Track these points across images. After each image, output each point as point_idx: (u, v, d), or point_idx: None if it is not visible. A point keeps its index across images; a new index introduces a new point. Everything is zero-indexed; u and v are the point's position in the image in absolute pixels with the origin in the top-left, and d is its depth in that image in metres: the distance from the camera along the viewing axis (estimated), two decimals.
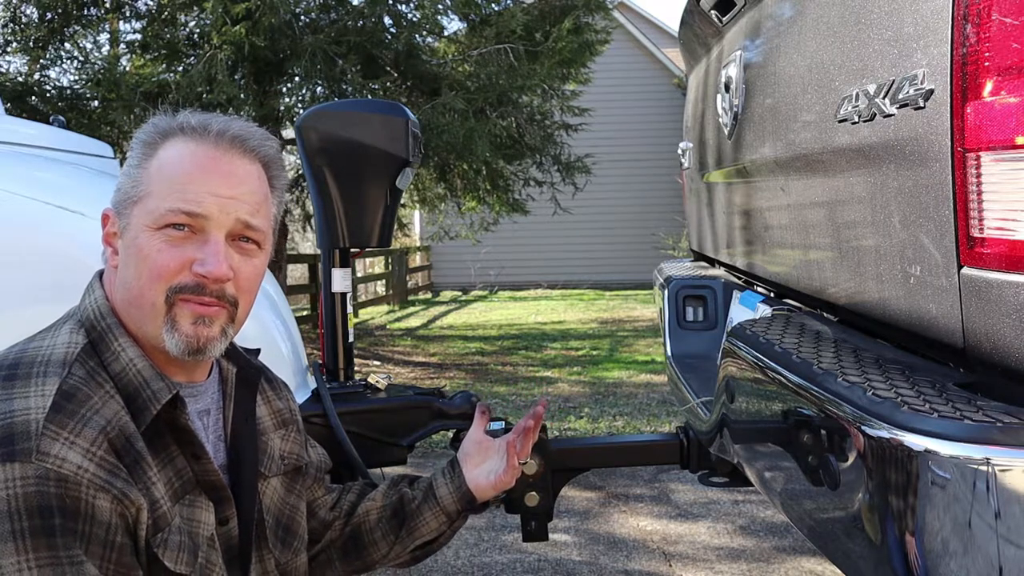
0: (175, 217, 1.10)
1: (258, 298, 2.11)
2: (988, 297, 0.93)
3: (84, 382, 1.05)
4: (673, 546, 3.50)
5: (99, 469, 0.99)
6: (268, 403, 1.36)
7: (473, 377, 7.36)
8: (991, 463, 0.82)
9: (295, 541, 1.32)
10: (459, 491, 1.47)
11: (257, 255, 1.18)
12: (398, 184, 2.02)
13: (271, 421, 1.35)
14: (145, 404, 1.08)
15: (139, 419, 1.07)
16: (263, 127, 1.23)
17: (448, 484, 1.48)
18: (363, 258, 13.42)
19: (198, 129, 1.15)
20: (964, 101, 0.93)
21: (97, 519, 0.98)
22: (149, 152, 1.15)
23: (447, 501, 1.47)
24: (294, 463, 1.36)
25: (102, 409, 1.04)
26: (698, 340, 2.39)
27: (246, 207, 1.14)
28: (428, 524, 1.46)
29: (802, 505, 1.19)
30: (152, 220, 1.10)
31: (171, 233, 1.10)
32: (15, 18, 7.05)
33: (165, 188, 1.11)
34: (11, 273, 1.79)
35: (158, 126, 1.16)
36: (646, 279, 10.41)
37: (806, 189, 1.47)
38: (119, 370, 1.09)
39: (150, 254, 1.10)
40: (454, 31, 8.47)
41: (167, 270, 1.10)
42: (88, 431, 1.01)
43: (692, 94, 2.64)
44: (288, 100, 7.39)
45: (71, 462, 0.98)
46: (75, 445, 0.99)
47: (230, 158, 1.14)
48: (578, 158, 9.03)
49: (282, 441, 1.35)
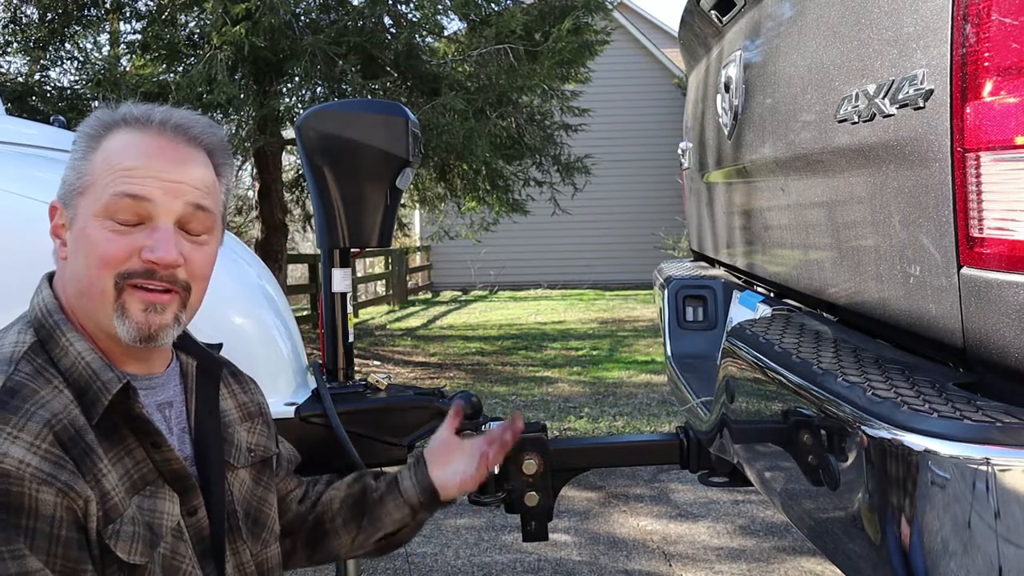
0: (120, 201, 1.10)
1: (258, 298, 2.11)
2: (988, 297, 0.93)
3: (30, 378, 1.06)
4: (673, 546, 3.50)
5: (43, 463, 1.00)
6: (234, 396, 1.36)
7: (473, 377, 7.36)
8: (991, 463, 0.82)
9: (264, 532, 1.32)
10: (422, 484, 1.47)
11: (208, 242, 1.18)
12: (398, 184, 2.02)
13: (237, 414, 1.35)
14: (96, 396, 1.09)
15: (92, 411, 1.08)
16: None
17: (412, 478, 1.48)
18: (363, 258, 13.42)
19: (141, 119, 1.15)
20: (964, 101, 0.93)
21: (41, 513, 0.99)
22: (93, 144, 1.15)
23: (410, 494, 1.47)
24: (262, 455, 1.36)
25: (50, 403, 1.05)
26: (698, 340, 2.39)
27: (194, 192, 1.15)
28: (391, 515, 1.47)
29: (802, 505, 1.19)
30: (99, 208, 1.10)
31: (119, 222, 1.10)
32: (15, 18, 7.05)
33: (110, 176, 1.11)
34: (11, 273, 1.79)
35: (101, 119, 1.17)
36: (646, 279, 10.41)
37: (806, 189, 1.47)
38: (68, 365, 1.10)
39: (98, 242, 1.10)
40: (454, 31, 8.47)
41: (115, 257, 1.10)
42: (32, 425, 1.01)
43: (692, 94, 2.64)
44: (288, 100, 7.38)
45: (13, 456, 0.98)
46: (18, 439, 1.00)
47: (174, 146, 1.15)
48: (578, 158, 9.03)
49: (248, 433, 1.35)
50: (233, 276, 1.94)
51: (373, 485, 1.49)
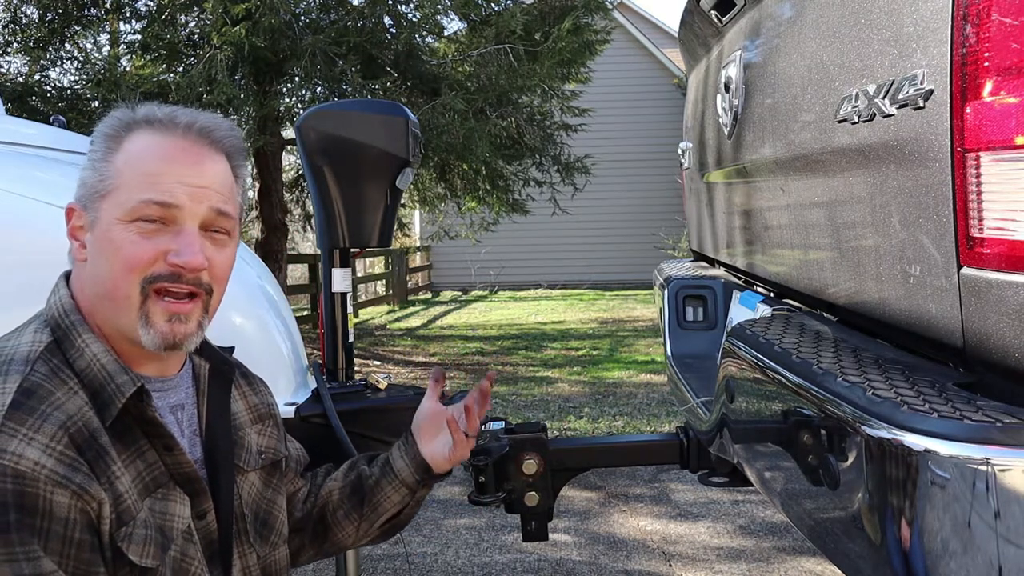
0: (147, 208, 1.10)
1: (258, 298, 2.11)
2: (988, 297, 0.93)
3: (46, 379, 1.06)
4: (673, 546, 3.50)
5: (58, 464, 1.00)
6: (244, 398, 1.36)
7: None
8: (991, 463, 0.82)
9: (272, 535, 1.32)
10: (415, 462, 1.46)
11: (228, 244, 1.19)
12: (398, 184, 2.02)
13: (247, 416, 1.35)
14: (110, 398, 1.09)
15: (105, 413, 1.08)
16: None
17: (404, 457, 1.47)
18: (363, 258, 13.42)
19: (164, 121, 1.15)
20: (964, 101, 0.93)
21: (55, 515, 0.99)
22: (113, 145, 1.14)
23: (405, 474, 1.46)
24: (271, 457, 1.36)
25: (65, 405, 1.05)
26: (698, 340, 2.39)
27: (217, 196, 1.15)
28: (390, 498, 1.46)
29: (802, 505, 1.19)
30: (124, 212, 1.10)
31: (144, 225, 1.10)
32: (15, 18, 7.05)
33: (135, 180, 1.11)
34: (11, 273, 1.79)
35: (122, 119, 1.16)
36: (646, 279, 10.41)
37: (806, 189, 1.47)
38: (84, 366, 1.10)
39: (123, 246, 1.10)
40: (454, 31, 8.47)
41: (141, 261, 1.10)
42: (48, 426, 1.01)
43: (692, 94, 2.64)
44: (288, 100, 7.38)
45: (28, 458, 0.98)
46: (34, 441, 1.00)
47: (198, 149, 1.15)
48: (578, 158, 9.03)
49: (259, 436, 1.35)
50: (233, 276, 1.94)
51: (367, 472, 1.49)
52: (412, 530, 3.72)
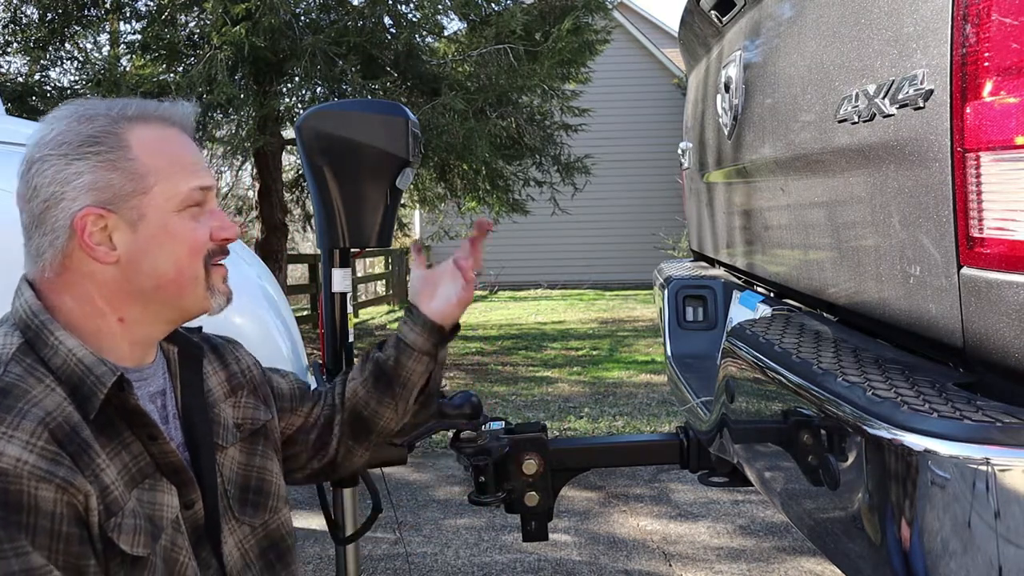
0: (196, 195, 1.19)
1: (258, 298, 2.11)
2: (988, 297, 0.93)
3: (20, 378, 1.07)
4: (673, 546, 3.50)
5: (40, 460, 1.00)
6: (216, 373, 1.37)
7: (473, 377, 7.36)
8: (991, 463, 0.82)
9: (270, 500, 1.33)
10: (425, 327, 1.48)
11: None
12: (398, 184, 2.02)
13: (221, 391, 1.35)
14: (91, 391, 1.09)
15: (88, 407, 1.09)
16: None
17: (413, 329, 1.49)
18: (363, 258, 13.42)
19: (146, 116, 1.20)
20: (964, 101, 0.93)
21: (42, 510, 1.00)
22: (112, 146, 1.14)
23: (420, 342, 1.48)
24: (250, 428, 1.36)
25: (42, 401, 1.06)
26: (698, 340, 2.39)
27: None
28: (415, 371, 1.49)
29: (802, 505, 1.19)
30: (177, 203, 1.17)
31: (193, 211, 1.19)
32: (15, 18, 7.04)
33: (174, 172, 1.17)
34: (10, 273, 1.79)
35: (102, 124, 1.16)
36: (646, 279, 10.39)
37: (806, 189, 1.47)
38: (60, 363, 1.10)
39: (185, 233, 1.18)
40: (454, 31, 8.47)
41: (201, 242, 1.19)
42: (27, 423, 1.02)
43: (692, 94, 2.64)
44: (288, 100, 7.38)
45: (9, 455, 0.99)
46: (13, 438, 1.00)
47: (184, 134, 1.24)
48: (578, 158, 9.02)
49: (234, 409, 1.35)
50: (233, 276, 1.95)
51: (383, 356, 1.51)
52: (412, 530, 3.72)
